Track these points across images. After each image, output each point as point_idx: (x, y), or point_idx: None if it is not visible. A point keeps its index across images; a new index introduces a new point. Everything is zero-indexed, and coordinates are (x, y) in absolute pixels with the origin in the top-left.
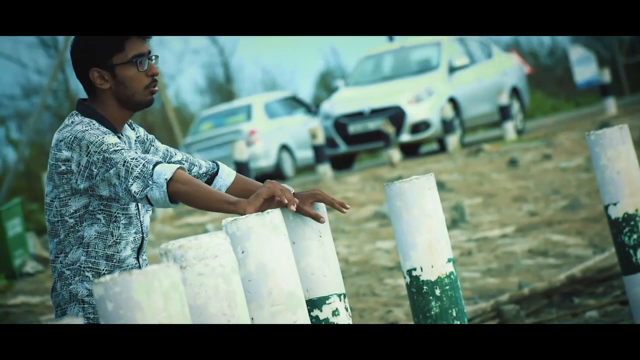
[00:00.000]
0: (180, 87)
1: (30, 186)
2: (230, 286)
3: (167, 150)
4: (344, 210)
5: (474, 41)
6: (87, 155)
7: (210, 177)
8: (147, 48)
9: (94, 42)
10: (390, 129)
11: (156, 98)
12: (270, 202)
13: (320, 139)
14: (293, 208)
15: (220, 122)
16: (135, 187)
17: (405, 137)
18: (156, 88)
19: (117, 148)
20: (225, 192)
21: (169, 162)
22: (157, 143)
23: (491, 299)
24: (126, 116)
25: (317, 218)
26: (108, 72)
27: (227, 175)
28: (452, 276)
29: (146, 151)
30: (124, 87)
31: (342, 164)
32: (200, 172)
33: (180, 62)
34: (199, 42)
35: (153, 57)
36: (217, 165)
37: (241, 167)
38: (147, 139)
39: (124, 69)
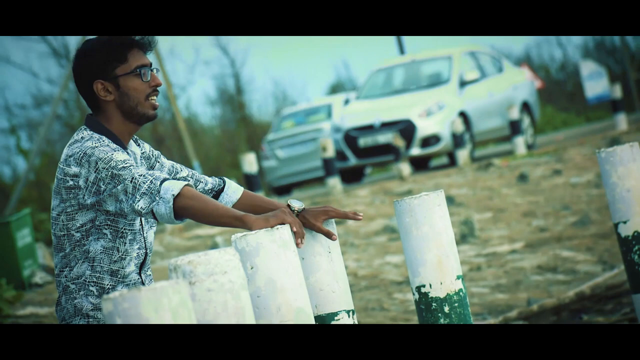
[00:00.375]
0: (191, 98)
1: (40, 196)
2: (239, 302)
3: (173, 167)
4: (359, 217)
5: (485, 55)
6: (95, 172)
7: (217, 194)
8: (149, 60)
9: (96, 55)
10: (400, 143)
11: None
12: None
13: (330, 152)
14: (300, 244)
15: (301, 120)
16: (142, 203)
17: (416, 150)
18: (157, 102)
19: (125, 165)
20: (233, 207)
21: (174, 178)
22: (163, 159)
23: (500, 315)
24: (131, 130)
25: (329, 235)
26: (112, 83)
27: (233, 192)
28: (461, 293)
29: (151, 167)
30: (128, 98)
31: (351, 177)
32: (206, 188)
33: (192, 73)
34: (210, 53)
35: (155, 69)
36: (224, 182)
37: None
38: (152, 154)
39: (127, 80)
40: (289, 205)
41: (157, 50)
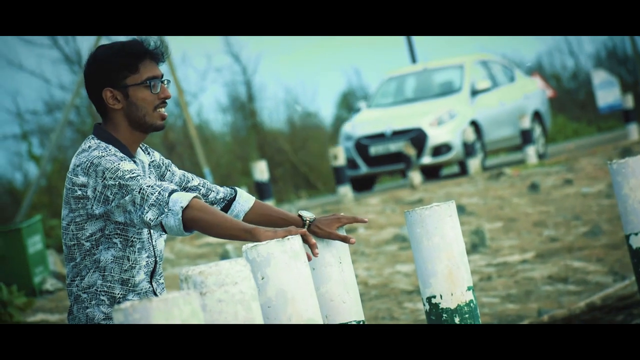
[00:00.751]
0: (202, 105)
1: (52, 202)
2: (250, 313)
3: (184, 175)
4: (366, 220)
5: (496, 64)
6: (102, 181)
7: (228, 203)
8: (160, 71)
9: (108, 63)
10: (411, 151)
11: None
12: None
13: (341, 160)
14: (315, 254)
15: None
16: (150, 215)
17: (427, 159)
18: (165, 113)
19: (133, 175)
20: (244, 217)
21: (185, 187)
22: (174, 168)
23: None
24: (138, 138)
25: (347, 240)
26: (121, 92)
27: (245, 201)
28: (471, 304)
29: (162, 175)
30: (136, 108)
31: (362, 185)
32: (218, 197)
33: (203, 80)
34: (222, 60)
35: (165, 81)
36: (235, 191)
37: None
38: (162, 163)
39: (136, 90)
40: (300, 216)
41: (168, 57)
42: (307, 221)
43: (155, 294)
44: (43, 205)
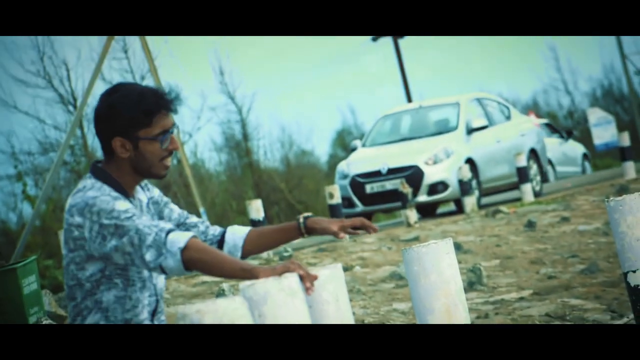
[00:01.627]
0: (197, 144)
1: (46, 242)
2: None
3: (183, 212)
4: (376, 229)
5: (492, 102)
6: (98, 222)
7: (222, 237)
8: (172, 120)
9: (123, 113)
10: (407, 189)
11: (174, 155)
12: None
13: (337, 198)
14: (310, 290)
15: None
16: (149, 256)
17: (423, 197)
18: (169, 163)
19: (128, 215)
20: (244, 245)
21: (185, 224)
22: (172, 205)
23: None
24: (138, 180)
25: (337, 235)
26: (131, 143)
27: (238, 229)
28: None
29: (160, 212)
30: (143, 159)
31: None
32: (216, 233)
33: (198, 119)
34: (217, 99)
35: (175, 129)
36: (225, 229)
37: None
38: (161, 200)
39: (147, 144)
40: (297, 219)
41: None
42: (301, 219)
43: None
44: (37, 246)
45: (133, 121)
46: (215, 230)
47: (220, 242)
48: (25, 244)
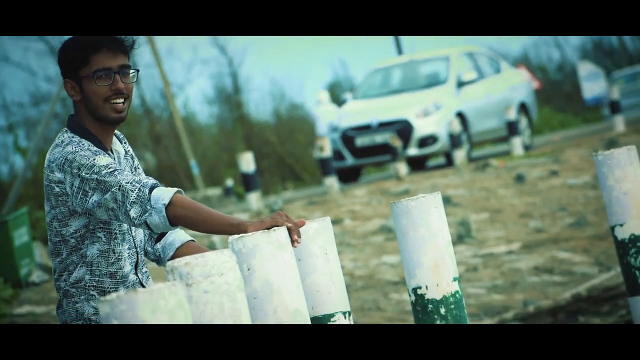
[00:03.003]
0: (188, 97)
1: (38, 193)
2: (236, 304)
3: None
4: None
5: (482, 56)
6: (79, 177)
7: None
8: (118, 62)
9: (65, 54)
10: (397, 143)
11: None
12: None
13: (327, 152)
14: (296, 243)
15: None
16: (133, 213)
17: (413, 150)
18: (121, 105)
19: (109, 170)
20: (180, 245)
21: None
22: (140, 171)
23: (496, 316)
24: (106, 129)
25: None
26: (77, 84)
27: (182, 234)
28: (457, 295)
29: (135, 168)
30: (89, 100)
31: (348, 176)
32: None
33: (189, 72)
34: (208, 52)
35: (130, 72)
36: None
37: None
38: (134, 160)
39: (87, 82)
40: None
41: (155, 49)
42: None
43: (143, 285)
44: (29, 197)
45: (73, 60)
46: None
47: (160, 235)
48: (17, 195)
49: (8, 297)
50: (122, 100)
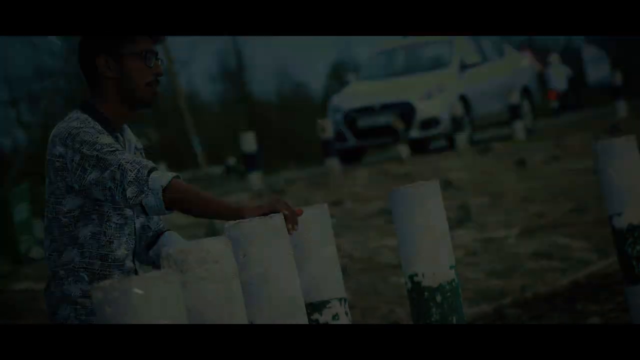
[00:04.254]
0: (192, 74)
1: (40, 170)
2: (231, 291)
3: None
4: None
5: (486, 39)
6: (80, 153)
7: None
8: (156, 49)
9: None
10: (399, 125)
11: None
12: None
13: (330, 133)
14: (292, 230)
15: None
16: (129, 192)
17: (415, 133)
18: (157, 90)
19: (111, 149)
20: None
21: None
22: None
23: (493, 302)
24: (126, 114)
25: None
26: (115, 61)
27: (177, 238)
28: (453, 283)
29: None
30: (128, 79)
31: (350, 158)
32: (159, 227)
33: (193, 49)
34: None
35: (160, 60)
36: (167, 229)
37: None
38: (143, 154)
39: (131, 60)
40: None
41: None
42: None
43: (137, 274)
44: (31, 174)
45: (117, 36)
46: (159, 224)
47: (157, 236)
48: (20, 170)
49: (7, 273)
50: (157, 86)
